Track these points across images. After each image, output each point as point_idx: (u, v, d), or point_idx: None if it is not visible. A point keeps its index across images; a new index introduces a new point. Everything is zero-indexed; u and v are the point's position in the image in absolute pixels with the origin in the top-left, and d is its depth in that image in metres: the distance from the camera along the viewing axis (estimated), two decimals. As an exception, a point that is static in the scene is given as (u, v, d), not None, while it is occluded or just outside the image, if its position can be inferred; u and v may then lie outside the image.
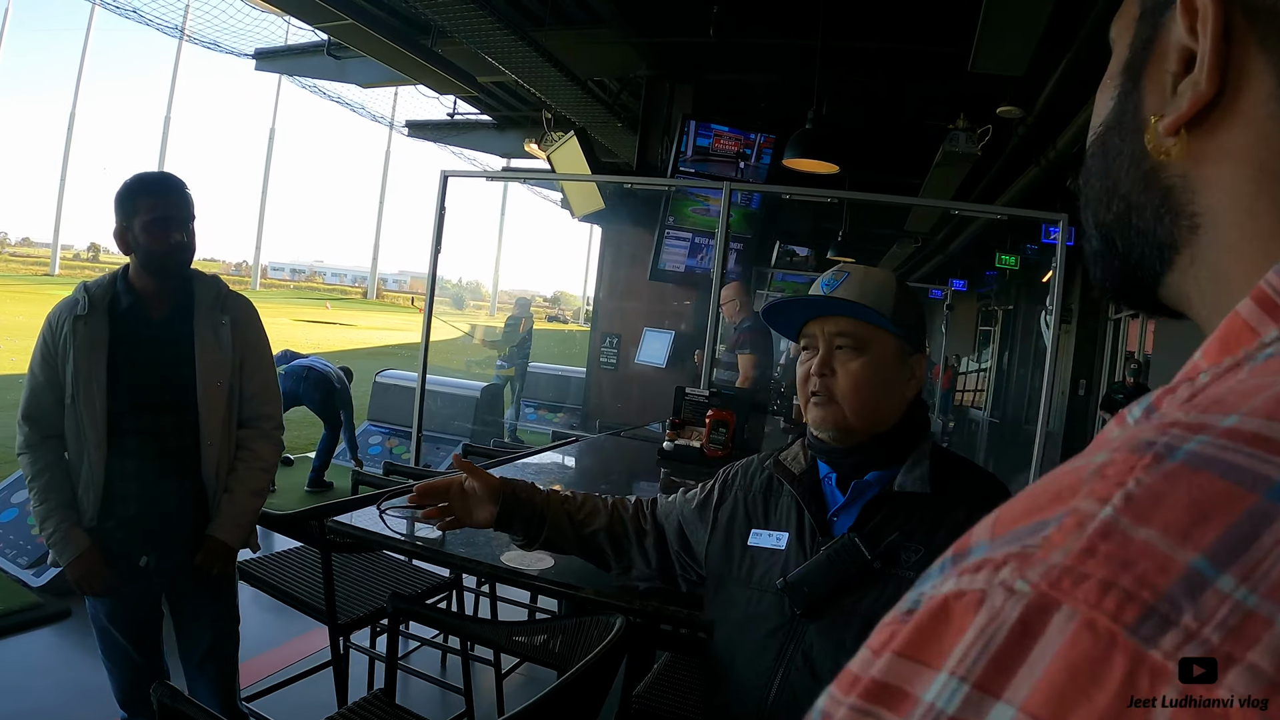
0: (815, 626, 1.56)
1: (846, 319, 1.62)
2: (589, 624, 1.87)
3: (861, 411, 1.61)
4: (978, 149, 7.34)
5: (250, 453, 2.70)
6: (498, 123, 11.31)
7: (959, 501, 1.58)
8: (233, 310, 2.67)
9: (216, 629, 2.71)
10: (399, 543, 2.21)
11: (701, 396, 3.98)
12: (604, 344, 8.66)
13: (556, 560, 2.09)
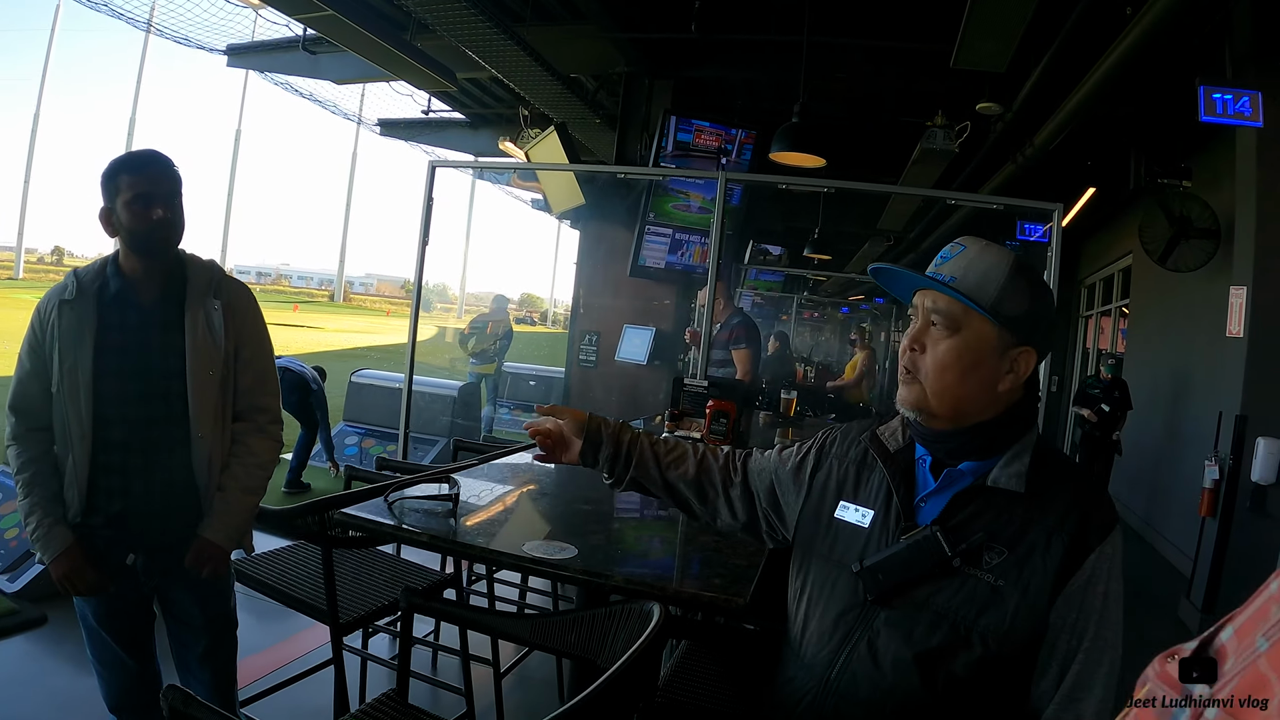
0: (885, 615, 1.53)
1: (945, 296, 1.54)
2: (619, 613, 1.78)
3: (943, 395, 1.54)
4: (955, 146, 7.35)
5: (245, 449, 2.55)
6: (471, 121, 11.22)
7: (1052, 507, 1.49)
8: (228, 295, 2.53)
9: (212, 631, 2.57)
10: (412, 533, 2.10)
11: (700, 387, 3.93)
12: (583, 342, 8.61)
13: (580, 549, 2.00)
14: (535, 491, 2.84)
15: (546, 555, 1.94)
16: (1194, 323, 7.90)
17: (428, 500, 2.29)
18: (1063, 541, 1.44)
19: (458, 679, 3.31)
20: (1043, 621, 1.44)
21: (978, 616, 1.45)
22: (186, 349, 2.40)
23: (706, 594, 1.85)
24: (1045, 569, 1.44)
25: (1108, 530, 1.47)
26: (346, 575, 2.98)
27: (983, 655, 1.44)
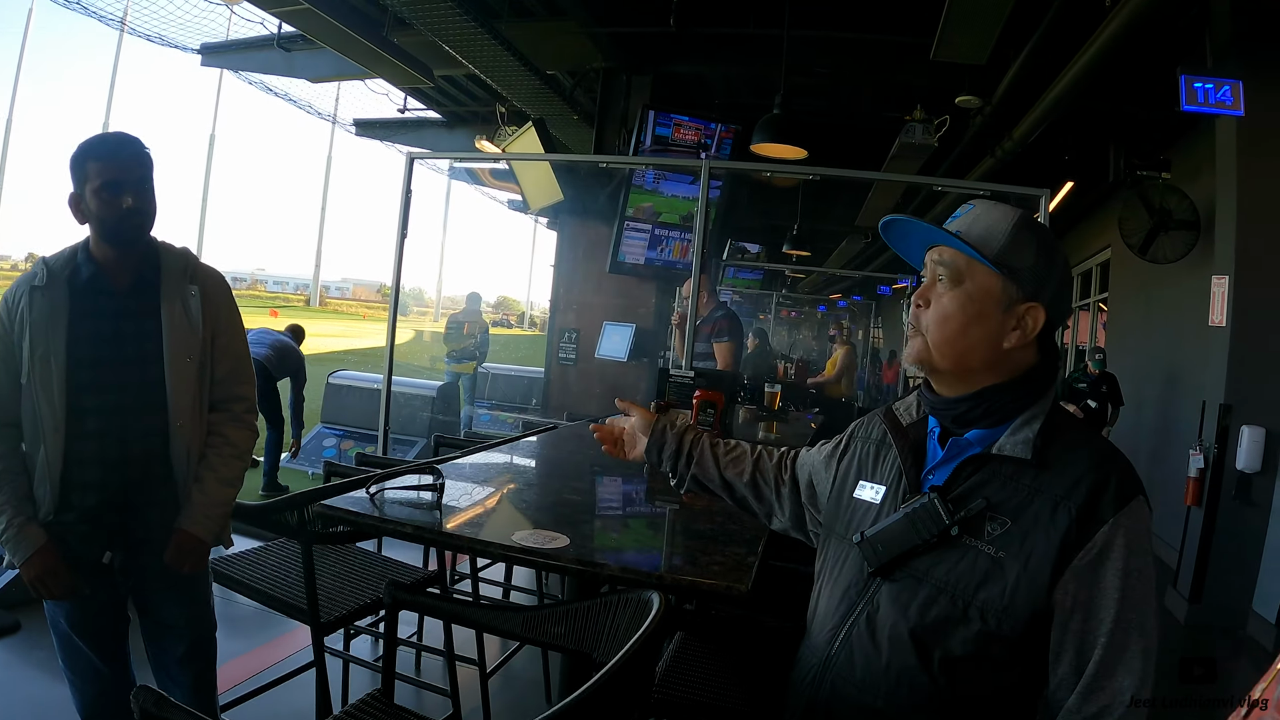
0: (886, 588, 1.47)
1: (950, 249, 1.49)
2: (616, 603, 1.71)
3: (943, 348, 1.47)
4: (934, 140, 7.34)
5: (221, 439, 2.47)
6: (447, 120, 11.16)
7: (1061, 476, 1.40)
8: (203, 282, 2.44)
9: (191, 634, 2.47)
10: (396, 526, 2.02)
11: (686, 378, 3.87)
12: (563, 339, 8.57)
13: (572, 539, 1.93)
14: (522, 483, 2.77)
15: (538, 545, 1.87)
16: (1175, 314, 7.92)
17: (411, 491, 2.21)
18: (1069, 512, 1.35)
19: (442, 679, 3.23)
20: (1044, 598, 1.34)
21: (977, 590, 1.38)
22: (164, 334, 2.32)
23: (706, 581, 1.79)
24: (1049, 541, 1.35)
25: (1125, 501, 1.35)
26: (327, 573, 2.89)
27: (981, 631, 1.36)
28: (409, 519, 2.04)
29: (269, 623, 4.02)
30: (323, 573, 2.86)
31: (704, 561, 1.91)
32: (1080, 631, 1.34)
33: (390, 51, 6.25)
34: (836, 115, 9.35)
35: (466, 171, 14.73)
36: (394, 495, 2.21)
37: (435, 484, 2.20)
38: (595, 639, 1.71)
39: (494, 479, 2.71)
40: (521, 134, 8.05)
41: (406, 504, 2.16)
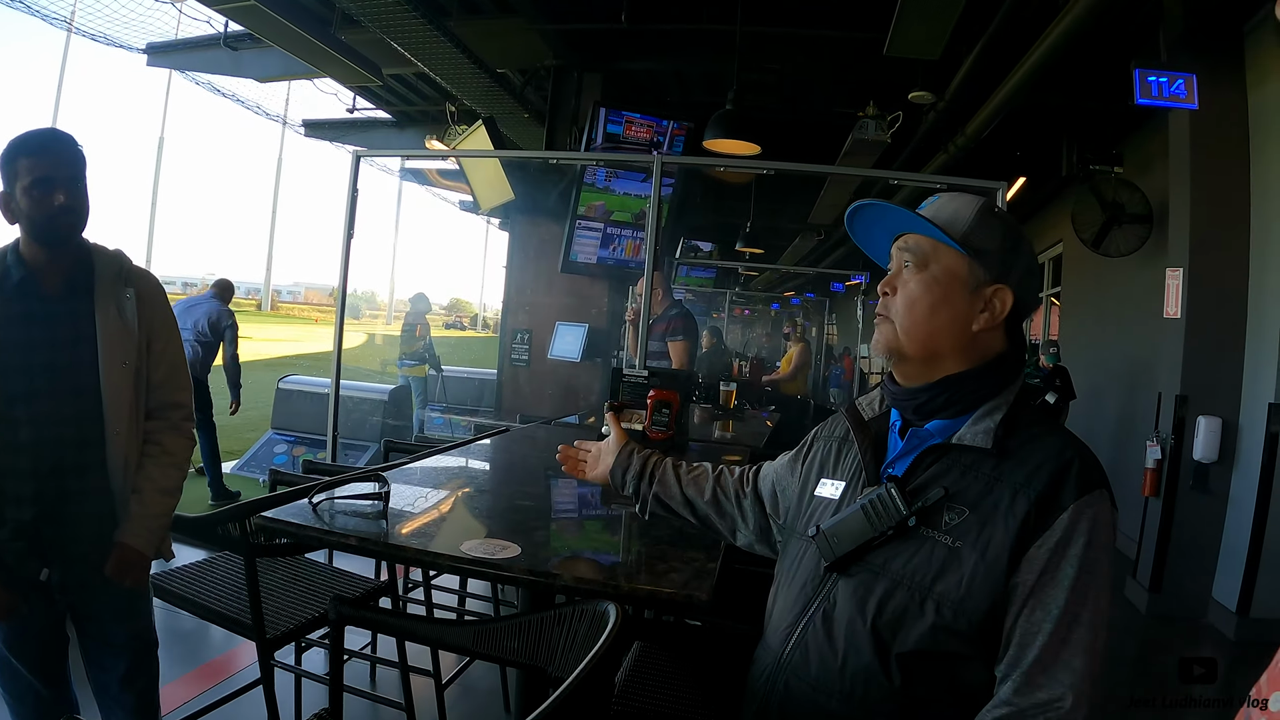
0: (843, 583, 1.45)
1: (914, 235, 1.50)
2: (571, 615, 1.64)
3: (912, 332, 1.47)
4: (887, 136, 7.36)
5: (159, 447, 2.38)
6: (397, 120, 11.03)
7: (1022, 464, 1.38)
8: (138, 284, 2.35)
9: (133, 652, 2.37)
10: (339, 537, 1.93)
11: (640, 377, 3.81)
12: (515, 340, 8.49)
13: (524, 548, 1.86)
14: (473, 489, 2.69)
15: (487, 555, 1.80)
16: (1129, 307, 7.99)
17: (356, 500, 2.13)
18: (1029, 499, 1.33)
19: (398, 692, 3.15)
20: (1002, 588, 1.32)
21: (934, 581, 1.35)
22: (99, 339, 2.22)
23: (665, 590, 1.72)
24: (1007, 529, 1.33)
25: (1086, 489, 1.33)
26: (274, 586, 2.79)
27: (936, 624, 1.33)
28: (354, 530, 1.96)
29: (214, 638, 3.91)
30: (269, 585, 2.76)
31: (662, 569, 1.85)
32: (1028, 621, 1.30)
33: (339, 50, 6.15)
34: (789, 112, 9.35)
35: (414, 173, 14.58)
36: (339, 505, 2.12)
37: (380, 492, 2.12)
38: (550, 653, 1.64)
39: (444, 485, 2.63)
40: (471, 133, 7.95)
41: (351, 514, 2.08)
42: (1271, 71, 5.41)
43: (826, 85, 8.73)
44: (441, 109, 9.35)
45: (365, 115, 10.96)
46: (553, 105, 8.06)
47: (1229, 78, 5.58)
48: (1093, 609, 1.30)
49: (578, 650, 1.58)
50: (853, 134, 7.47)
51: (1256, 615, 5.31)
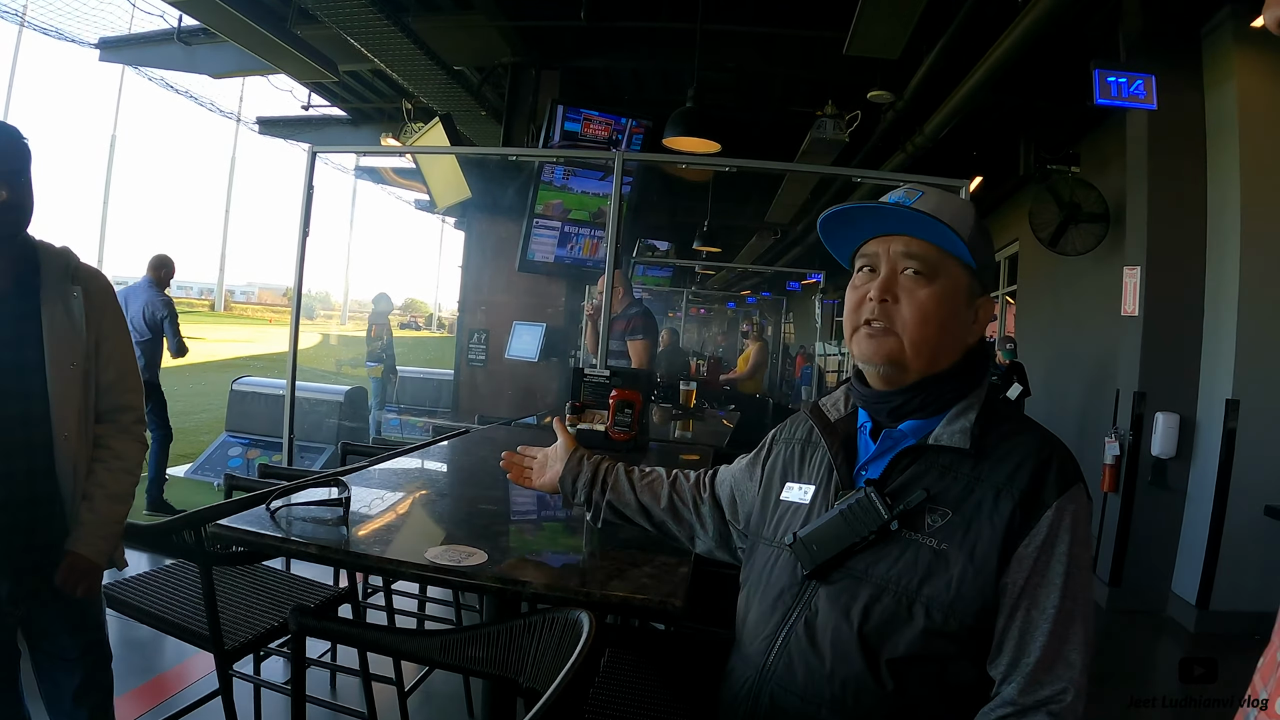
0: (824, 590, 1.42)
1: (919, 240, 1.43)
2: (540, 624, 1.60)
3: (922, 348, 1.43)
4: (845, 135, 7.39)
5: (110, 451, 2.29)
6: (352, 117, 10.93)
7: (1001, 463, 1.38)
8: (85, 282, 2.25)
9: (86, 665, 2.28)
10: (298, 545, 1.86)
11: (602, 377, 3.76)
12: (472, 340, 8.43)
13: (489, 554, 1.81)
14: (434, 492, 2.63)
15: (453, 563, 1.74)
16: (1085, 305, 8.08)
17: (315, 507, 2.06)
18: (1012, 498, 1.34)
19: (358, 700, 3.09)
20: (991, 588, 1.32)
21: (920, 585, 1.34)
22: (45, 340, 2.13)
23: (639, 597, 1.68)
24: (993, 529, 1.33)
25: (1066, 485, 1.35)
26: (231, 595, 2.71)
27: (926, 628, 1.32)
28: (313, 537, 1.89)
29: (167, 648, 3.82)
30: (226, 593, 2.69)
31: (633, 574, 1.80)
32: (1024, 621, 1.31)
33: (294, 45, 6.06)
34: (747, 110, 9.37)
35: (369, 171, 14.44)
36: (297, 512, 2.05)
37: (340, 498, 2.06)
38: (520, 663, 1.60)
39: (404, 488, 2.56)
40: (428, 130, 7.89)
41: (310, 520, 2.01)
42: (1228, 73, 5.51)
43: (784, 84, 8.75)
44: (397, 106, 9.30)
45: (320, 113, 10.86)
46: (510, 103, 8.03)
47: (1186, 79, 5.69)
48: (1083, 603, 1.33)
49: (549, 660, 1.53)
50: (811, 133, 7.51)
51: (1216, 608, 5.43)
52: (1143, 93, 5.16)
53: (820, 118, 7.42)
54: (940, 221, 1.39)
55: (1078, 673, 1.30)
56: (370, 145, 10.54)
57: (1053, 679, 1.29)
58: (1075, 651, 1.30)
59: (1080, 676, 1.30)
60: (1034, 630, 1.30)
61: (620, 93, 9.28)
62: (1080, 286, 8.14)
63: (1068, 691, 1.28)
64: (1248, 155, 5.43)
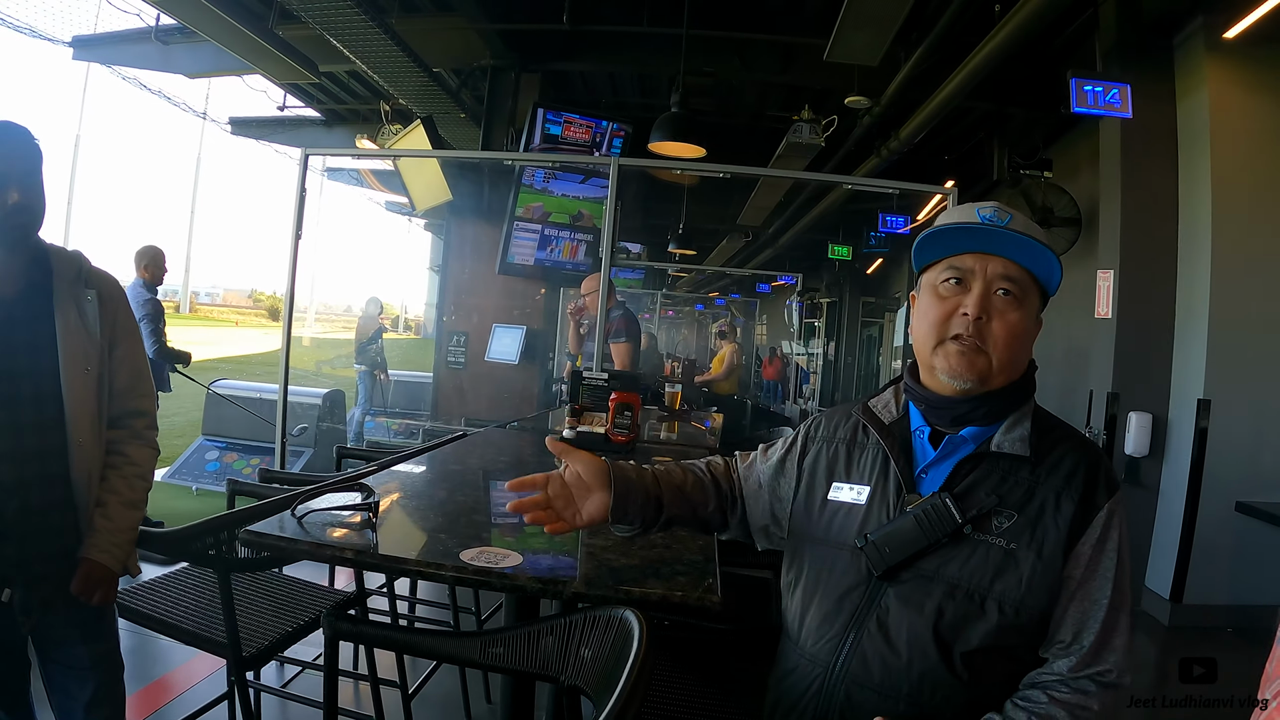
0: (894, 590, 1.47)
1: (1015, 263, 1.49)
2: (581, 623, 1.61)
3: (1007, 367, 1.50)
4: (821, 140, 7.44)
5: (123, 458, 2.26)
6: (326, 119, 10.85)
7: (1057, 468, 1.47)
8: (99, 286, 2.22)
9: (98, 676, 2.24)
10: (334, 551, 1.86)
11: (600, 380, 3.78)
12: (451, 343, 8.38)
13: (525, 555, 1.82)
14: (450, 496, 2.59)
15: (491, 565, 1.75)
16: (1058, 307, 8.13)
17: (343, 511, 2.05)
18: (1072, 500, 1.44)
19: (355, 703, 3.08)
20: (1058, 582, 1.41)
21: (993, 582, 1.42)
22: (59, 344, 2.10)
23: (676, 594, 1.69)
24: (1058, 529, 1.42)
25: (1114, 490, 1.46)
26: (240, 601, 2.68)
27: (999, 624, 1.40)
28: (346, 542, 1.89)
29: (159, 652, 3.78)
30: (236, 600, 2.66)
31: (667, 573, 1.82)
32: (1079, 611, 1.41)
33: (275, 45, 6.01)
34: (723, 114, 9.41)
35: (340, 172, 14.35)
36: (323, 517, 2.03)
37: (369, 502, 2.05)
38: (562, 662, 1.61)
39: (419, 493, 2.56)
40: (408, 132, 7.85)
41: (335, 525, 2.00)
42: (1199, 82, 5.64)
43: (761, 89, 8.80)
44: (373, 108, 9.26)
45: (295, 114, 10.79)
46: (489, 105, 7.99)
47: (1159, 87, 5.81)
48: (1128, 595, 1.44)
49: (595, 658, 1.55)
50: (787, 137, 7.55)
51: (1189, 601, 5.55)
52: (1118, 101, 5.24)
53: (797, 122, 7.47)
54: (1047, 248, 1.48)
55: (1122, 655, 1.40)
56: (344, 146, 10.45)
57: (1100, 661, 1.39)
58: (1121, 638, 1.41)
59: (1124, 659, 1.40)
60: (1089, 619, 1.40)
61: (598, 96, 9.29)
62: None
63: (1112, 671, 1.39)
64: (1219, 161, 5.56)
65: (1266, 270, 5.60)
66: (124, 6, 7.27)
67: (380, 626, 2.15)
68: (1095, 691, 1.37)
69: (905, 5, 4.94)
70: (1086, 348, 6.61)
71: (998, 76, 6.08)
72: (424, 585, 4.33)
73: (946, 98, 6.33)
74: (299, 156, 5.13)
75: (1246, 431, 5.59)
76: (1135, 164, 5.89)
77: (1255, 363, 5.59)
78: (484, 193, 8.30)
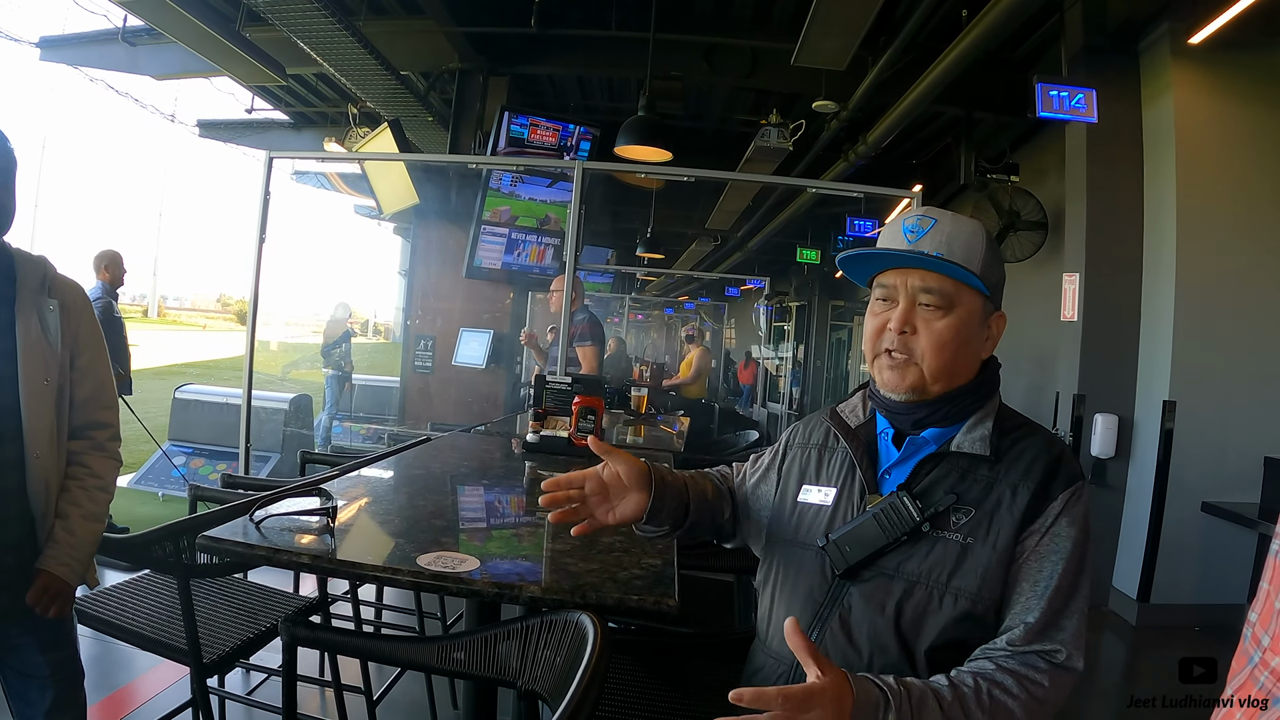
0: (856, 589, 1.51)
1: (934, 274, 1.52)
2: (538, 627, 1.62)
3: (940, 374, 1.53)
4: (789, 144, 7.47)
5: (84, 469, 2.23)
6: (294, 121, 10.80)
7: (1015, 464, 1.50)
8: (62, 294, 2.19)
9: (58, 684, 2.21)
10: (292, 556, 1.85)
11: (564, 384, 3.78)
12: (418, 347, 8.34)
13: (483, 560, 1.83)
14: (411, 501, 2.58)
15: (449, 569, 1.75)
16: (1024, 309, 8.25)
17: (302, 516, 2.04)
18: (1028, 492, 1.47)
19: (320, 710, 3.07)
20: (1009, 571, 1.45)
21: (950, 577, 1.45)
22: (19, 354, 2.06)
23: (633, 598, 1.70)
24: (1012, 519, 1.45)
25: (1071, 482, 1.48)
26: (199, 606, 2.66)
27: (957, 617, 1.43)
28: (303, 547, 1.88)
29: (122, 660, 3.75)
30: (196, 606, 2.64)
31: (624, 577, 1.82)
32: (1026, 591, 1.43)
33: (242, 47, 5.98)
34: (691, 118, 9.44)
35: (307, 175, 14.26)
36: (281, 522, 2.02)
37: (327, 507, 2.04)
38: (519, 666, 1.62)
39: (381, 498, 2.55)
40: (375, 136, 7.84)
41: (294, 530, 2.00)
42: (1165, 87, 5.73)
43: (728, 92, 8.84)
44: (341, 111, 9.22)
45: (263, 116, 10.73)
46: (457, 109, 7.99)
47: (1125, 92, 5.91)
48: (1080, 585, 1.46)
49: (551, 662, 1.56)
50: (755, 141, 7.58)
51: (1156, 601, 5.64)
52: (1084, 106, 5.31)
53: (764, 126, 7.51)
54: (956, 265, 1.49)
55: (1071, 637, 1.42)
56: (312, 148, 10.39)
57: (1048, 640, 1.41)
58: (1071, 621, 1.43)
59: (1075, 642, 1.42)
60: (1033, 598, 1.42)
61: (566, 100, 9.31)
62: (1020, 292, 8.24)
63: (1061, 651, 1.40)
64: (1184, 165, 5.65)
65: (1231, 273, 5.70)
66: (91, 7, 7.26)
67: (338, 632, 2.14)
68: (1045, 669, 1.39)
69: (873, 10, 4.98)
70: (1053, 350, 6.69)
71: (965, 81, 6.14)
72: (390, 590, 4.31)
73: (914, 102, 6.39)
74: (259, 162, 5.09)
75: (1212, 432, 5.68)
76: (1101, 168, 5.99)
77: (1220, 364, 5.69)
78: (451, 196, 8.28)
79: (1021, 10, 4.81)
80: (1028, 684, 1.37)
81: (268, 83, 7.48)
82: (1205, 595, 5.62)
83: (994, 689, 1.35)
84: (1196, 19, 5.32)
